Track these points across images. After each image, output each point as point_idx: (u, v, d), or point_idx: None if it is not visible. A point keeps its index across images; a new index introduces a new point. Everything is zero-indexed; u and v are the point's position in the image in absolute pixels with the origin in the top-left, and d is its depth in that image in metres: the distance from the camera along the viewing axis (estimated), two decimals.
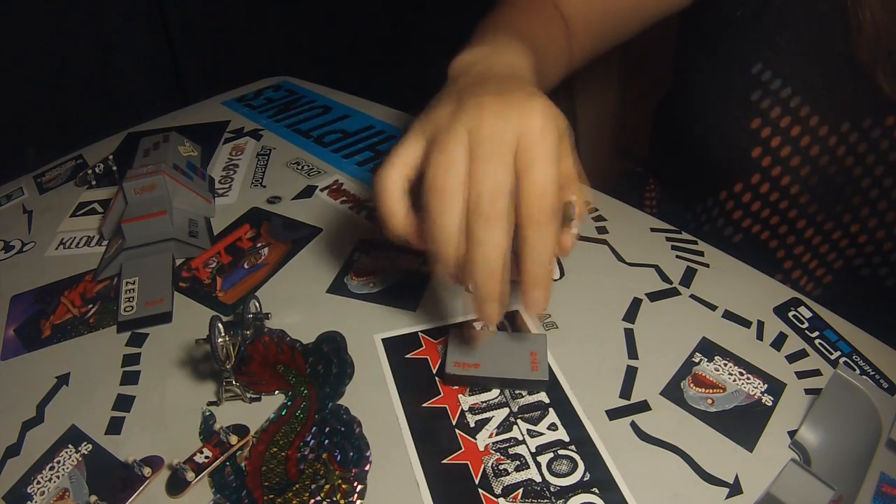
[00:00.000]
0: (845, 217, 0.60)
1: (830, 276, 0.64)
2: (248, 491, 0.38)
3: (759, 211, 0.62)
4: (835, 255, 0.63)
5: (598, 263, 0.53)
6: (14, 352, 0.50)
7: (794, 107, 0.56)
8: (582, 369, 0.44)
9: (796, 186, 0.59)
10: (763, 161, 0.58)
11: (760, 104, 0.56)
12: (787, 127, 0.56)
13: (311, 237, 0.59)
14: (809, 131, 0.56)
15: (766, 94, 0.56)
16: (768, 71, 0.56)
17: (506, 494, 0.37)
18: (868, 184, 0.58)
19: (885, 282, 0.63)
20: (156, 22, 1.27)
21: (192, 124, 0.81)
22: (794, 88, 0.55)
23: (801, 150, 0.57)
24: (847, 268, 0.64)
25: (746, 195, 0.61)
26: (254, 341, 0.46)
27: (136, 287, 0.53)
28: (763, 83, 0.56)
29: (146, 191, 0.58)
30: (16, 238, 0.64)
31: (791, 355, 0.45)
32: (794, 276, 0.64)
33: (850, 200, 0.59)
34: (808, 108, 0.55)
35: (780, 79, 0.55)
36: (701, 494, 0.36)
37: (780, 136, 0.57)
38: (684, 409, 0.41)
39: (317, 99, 0.86)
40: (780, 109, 0.56)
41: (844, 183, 0.59)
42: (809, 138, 0.56)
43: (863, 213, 0.60)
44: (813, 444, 0.38)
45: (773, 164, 0.58)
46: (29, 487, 0.40)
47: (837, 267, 0.64)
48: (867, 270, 0.63)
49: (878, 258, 0.62)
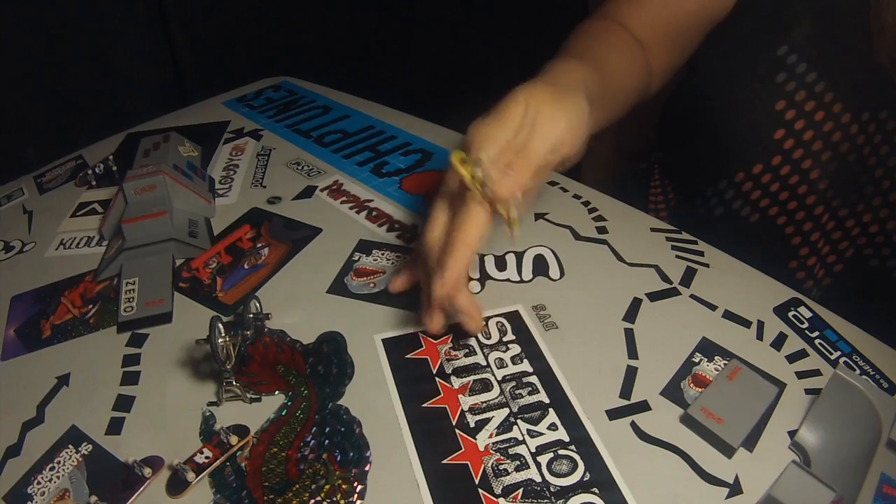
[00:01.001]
0: (859, 206, 0.61)
1: (841, 265, 0.64)
2: (248, 491, 0.38)
3: (778, 192, 0.62)
4: (847, 243, 0.64)
5: (598, 263, 0.53)
6: (14, 352, 0.50)
7: (818, 91, 0.56)
8: (582, 369, 0.44)
9: (816, 171, 0.59)
10: (786, 143, 0.59)
11: (786, 86, 0.57)
12: (812, 111, 0.57)
13: (311, 237, 0.59)
14: (833, 117, 0.57)
15: (792, 76, 0.57)
16: (794, 54, 0.56)
17: (506, 494, 0.37)
18: (881, 174, 0.59)
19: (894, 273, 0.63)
20: (156, 22, 1.27)
21: (192, 124, 0.81)
22: (819, 73, 0.56)
23: (823, 135, 0.58)
24: (857, 257, 0.64)
25: (766, 176, 0.61)
26: (254, 342, 0.46)
27: (136, 287, 0.53)
28: (789, 66, 0.57)
29: (146, 191, 0.58)
30: (16, 238, 0.64)
31: (791, 355, 0.45)
32: (810, 263, 0.64)
33: (864, 189, 0.60)
34: (833, 95, 0.56)
35: (806, 63, 0.56)
36: (701, 494, 0.36)
37: (805, 120, 0.57)
38: (684, 409, 0.41)
39: (317, 99, 0.86)
40: (804, 93, 0.56)
41: (861, 171, 0.59)
42: (832, 124, 0.57)
43: (875, 203, 0.60)
44: (813, 444, 0.38)
45: (795, 147, 0.59)
46: (29, 488, 0.40)
47: (848, 256, 0.64)
48: (876, 262, 0.63)
49: (887, 249, 0.63)
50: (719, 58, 0.63)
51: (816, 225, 0.63)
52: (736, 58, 0.61)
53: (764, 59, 0.58)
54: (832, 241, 0.63)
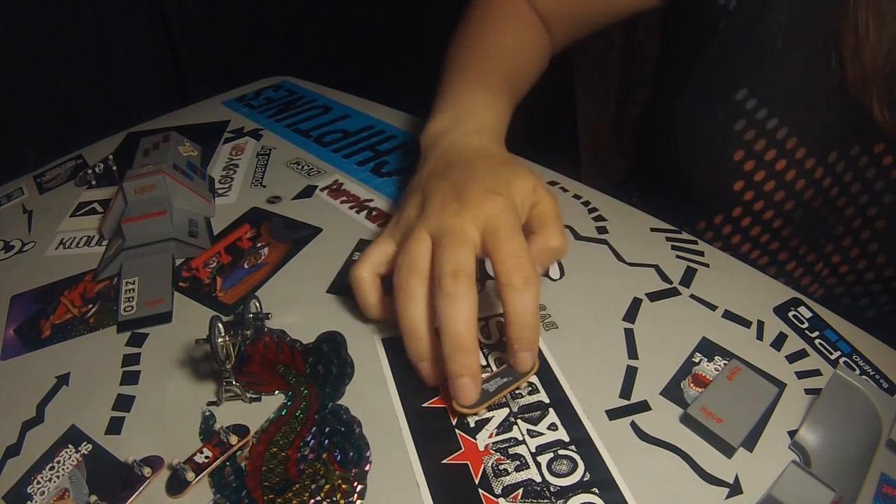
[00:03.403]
0: (827, 248, 0.59)
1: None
2: (248, 491, 0.38)
3: (739, 245, 0.60)
4: (816, 285, 0.62)
5: (598, 263, 0.53)
6: (14, 352, 0.50)
7: (780, 139, 0.53)
8: (582, 369, 0.44)
9: (779, 220, 0.57)
10: (745, 195, 0.56)
11: (744, 135, 0.54)
12: (772, 161, 0.54)
13: (311, 237, 0.59)
14: (795, 164, 0.54)
15: (752, 123, 0.53)
16: (754, 98, 0.53)
17: (506, 494, 0.37)
18: (852, 213, 0.56)
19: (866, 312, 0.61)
20: (156, 22, 1.27)
21: (192, 124, 0.81)
22: (781, 119, 0.52)
23: (785, 185, 0.55)
24: (828, 297, 0.62)
25: (726, 227, 0.59)
26: (254, 341, 0.46)
27: (136, 287, 0.53)
28: (748, 112, 0.53)
29: (146, 191, 0.58)
30: (16, 238, 0.64)
31: (791, 355, 0.45)
32: None
33: (833, 230, 0.57)
34: (795, 140, 0.53)
35: (767, 108, 0.52)
36: (701, 494, 0.36)
37: (765, 171, 0.54)
38: (684, 409, 0.41)
39: (317, 99, 0.86)
40: (765, 142, 0.53)
41: (828, 214, 0.56)
42: (795, 172, 0.54)
43: (845, 243, 0.58)
44: (813, 444, 0.38)
45: (755, 199, 0.56)
46: (29, 487, 0.40)
47: (819, 296, 0.62)
48: (847, 300, 0.61)
49: (859, 288, 0.61)
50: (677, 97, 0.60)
51: (780, 271, 0.61)
52: (693, 99, 0.57)
53: (722, 104, 0.54)
54: (801, 286, 0.61)
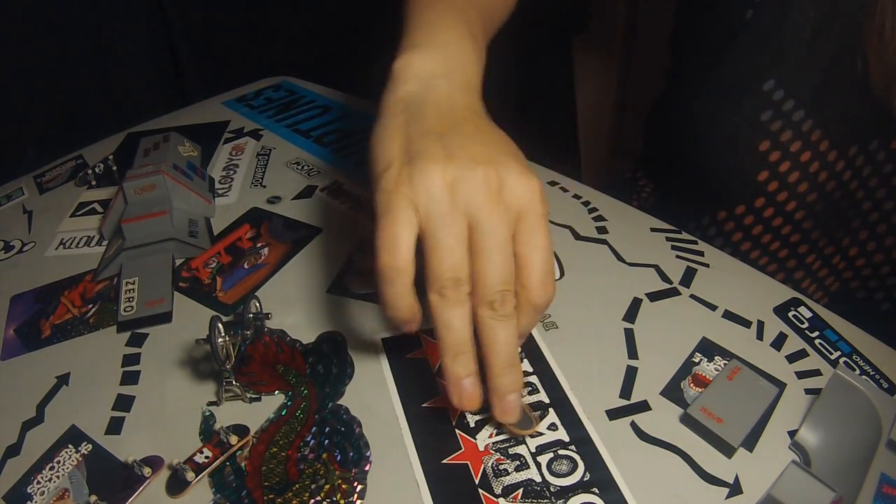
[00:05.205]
0: (844, 241, 0.59)
1: (827, 299, 0.63)
2: (248, 491, 0.38)
3: (760, 235, 0.60)
4: (832, 278, 0.62)
5: (598, 263, 0.53)
6: (14, 352, 0.50)
7: (805, 130, 0.53)
8: (582, 369, 0.44)
9: (801, 212, 0.57)
10: (769, 185, 0.56)
11: (771, 126, 0.53)
12: (798, 151, 0.54)
13: (311, 237, 0.59)
14: (819, 156, 0.54)
15: (778, 115, 0.53)
16: (781, 89, 0.52)
17: (506, 494, 0.37)
18: (869, 207, 0.57)
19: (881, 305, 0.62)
20: (156, 22, 1.27)
21: (192, 124, 0.81)
22: (807, 111, 0.52)
23: (809, 176, 0.55)
24: (843, 290, 0.62)
25: (748, 217, 0.59)
26: (254, 341, 0.46)
27: (136, 287, 0.53)
28: (775, 103, 0.53)
29: (146, 191, 0.58)
30: (16, 238, 0.64)
31: (791, 355, 0.45)
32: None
33: (850, 223, 0.58)
34: (820, 132, 0.53)
35: (793, 99, 0.52)
36: (701, 494, 0.36)
37: (790, 161, 0.54)
38: (684, 409, 0.41)
39: (317, 99, 0.86)
40: (791, 133, 0.53)
41: (847, 207, 0.57)
42: (818, 164, 0.54)
43: (861, 236, 0.58)
44: (813, 444, 0.38)
45: (779, 189, 0.56)
46: (29, 487, 0.40)
47: (834, 290, 0.62)
48: (863, 293, 0.62)
49: (874, 282, 0.61)
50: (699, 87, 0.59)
51: (800, 263, 0.61)
52: (719, 92, 0.57)
53: (749, 94, 0.54)
54: (818, 278, 0.61)
